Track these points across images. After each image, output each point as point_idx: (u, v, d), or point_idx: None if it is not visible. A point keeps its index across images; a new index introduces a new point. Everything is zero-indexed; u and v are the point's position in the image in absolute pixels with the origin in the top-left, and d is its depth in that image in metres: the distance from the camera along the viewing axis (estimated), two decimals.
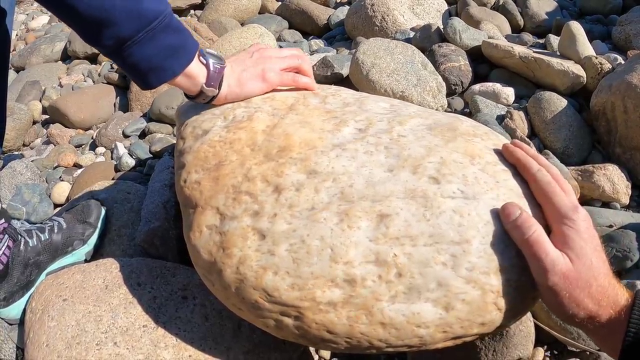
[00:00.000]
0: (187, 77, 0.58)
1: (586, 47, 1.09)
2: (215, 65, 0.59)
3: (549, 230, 0.48)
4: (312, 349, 0.71)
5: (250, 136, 0.56)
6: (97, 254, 0.80)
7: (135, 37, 0.51)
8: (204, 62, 0.59)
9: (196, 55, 0.58)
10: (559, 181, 0.50)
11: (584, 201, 0.91)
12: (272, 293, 0.47)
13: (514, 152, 0.53)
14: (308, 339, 0.49)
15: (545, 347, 0.69)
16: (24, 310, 0.70)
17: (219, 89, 0.61)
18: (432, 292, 0.46)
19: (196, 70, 0.58)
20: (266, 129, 0.57)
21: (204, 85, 0.59)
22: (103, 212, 0.81)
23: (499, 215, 0.48)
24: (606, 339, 0.45)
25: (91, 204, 0.80)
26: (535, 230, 0.46)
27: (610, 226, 0.83)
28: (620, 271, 0.76)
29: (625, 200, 0.90)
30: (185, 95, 0.64)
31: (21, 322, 0.73)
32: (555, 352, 0.69)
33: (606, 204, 0.90)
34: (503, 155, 0.54)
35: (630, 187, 0.90)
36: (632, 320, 0.42)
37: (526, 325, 0.64)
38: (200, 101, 0.63)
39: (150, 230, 0.76)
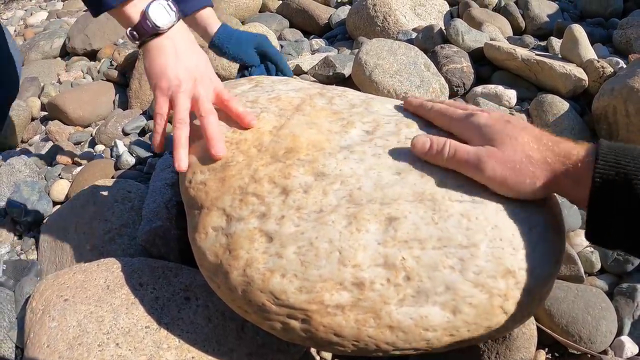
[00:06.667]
0: (119, 16, 0.59)
1: (588, 51, 1.09)
2: (154, 22, 0.58)
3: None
4: (313, 351, 0.71)
5: (257, 137, 0.56)
6: (97, 253, 0.80)
7: None
8: (143, 9, 0.58)
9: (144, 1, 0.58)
10: (456, 105, 0.54)
11: None
12: (279, 296, 0.47)
13: (411, 101, 0.58)
14: (315, 341, 0.48)
15: (547, 349, 0.70)
16: (24, 310, 0.69)
17: (141, 44, 0.60)
18: (440, 295, 0.46)
19: (130, 12, 0.58)
20: (273, 129, 0.56)
21: (127, 31, 0.59)
22: None
23: (412, 152, 0.51)
24: (571, 191, 0.44)
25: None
26: (449, 142, 0.49)
27: None
28: (621, 274, 0.77)
29: None
30: None
31: (21, 322, 0.73)
32: (557, 355, 0.70)
33: None
34: (405, 109, 0.59)
35: None
36: (597, 166, 0.41)
37: (529, 328, 0.64)
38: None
39: (151, 230, 0.76)
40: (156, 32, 0.59)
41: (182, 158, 0.58)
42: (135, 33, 0.59)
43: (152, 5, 0.59)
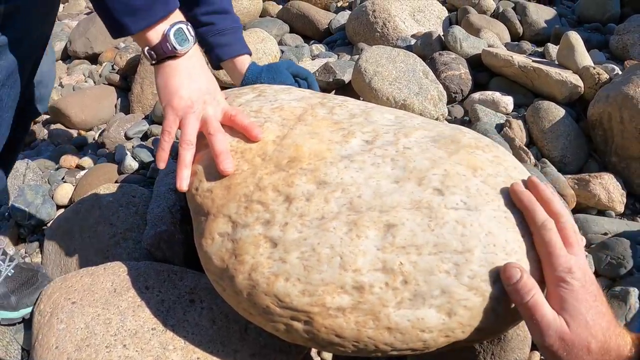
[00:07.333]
0: (138, 38, 0.60)
1: (584, 57, 1.11)
2: (174, 45, 0.59)
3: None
4: (313, 351, 0.73)
5: (261, 146, 0.58)
6: (103, 257, 0.81)
7: None
8: (165, 31, 0.59)
9: (164, 23, 0.59)
10: (566, 230, 0.49)
11: (580, 209, 0.93)
12: (283, 299, 0.49)
13: (521, 197, 0.51)
14: (317, 342, 0.50)
15: None
16: (32, 313, 0.71)
17: (157, 63, 0.61)
18: (436, 298, 0.48)
19: (151, 36, 0.59)
20: (276, 139, 0.58)
21: (144, 50, 0.60)
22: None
23: (500, 275, 0.48)
24: None
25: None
26: (533, 295, 0.47)
27: (605, 234, 0.86)
28: (615, 278, 0.79)
29: (620, 208, 0.92)
30: None
31: (27, 324, 0.75)
32: None
33: (601, 212, 0.92)
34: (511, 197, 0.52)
35: (625, 195, 0.93)
36: None
37: (523, 329, 0.66)
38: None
39: (156, 234, 0.78)
40: (174, 54, 0.61)
41: (185, 178, 0.60)
42: (153, 53, 0.60)
43: (174, 28, 0.60)
